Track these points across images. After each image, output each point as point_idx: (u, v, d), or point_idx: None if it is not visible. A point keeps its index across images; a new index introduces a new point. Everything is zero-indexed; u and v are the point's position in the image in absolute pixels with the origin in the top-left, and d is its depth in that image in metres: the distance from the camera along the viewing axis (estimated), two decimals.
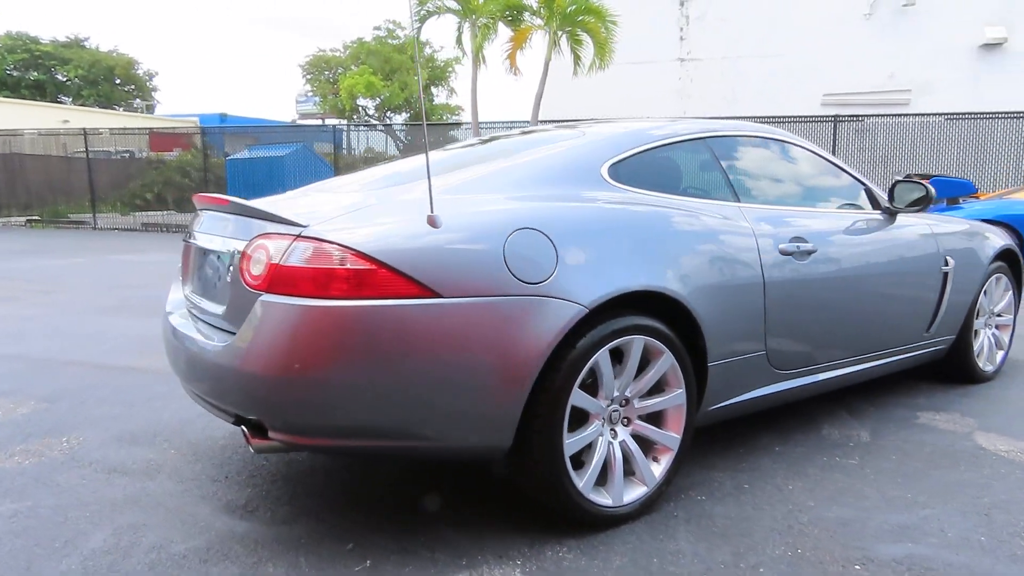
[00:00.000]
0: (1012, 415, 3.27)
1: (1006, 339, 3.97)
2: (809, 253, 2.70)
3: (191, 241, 2.55)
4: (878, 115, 11.53)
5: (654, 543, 2.11)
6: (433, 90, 45.65)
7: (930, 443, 2.92)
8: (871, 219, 3.12)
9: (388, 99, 40.79)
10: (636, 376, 2.22)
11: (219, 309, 2.15)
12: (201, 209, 2.55)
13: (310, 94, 47.29)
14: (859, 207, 3.19)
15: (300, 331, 1.83)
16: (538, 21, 11.30)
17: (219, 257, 2.24)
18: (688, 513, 2.30)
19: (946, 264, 3.34)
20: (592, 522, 2.16)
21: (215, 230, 2.32)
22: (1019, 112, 10.75)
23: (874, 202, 3.23)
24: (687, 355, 2.30)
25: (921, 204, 3.11)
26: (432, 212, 1.95)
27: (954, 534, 2.16)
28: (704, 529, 2.19)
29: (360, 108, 42.79)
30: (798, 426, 3.10)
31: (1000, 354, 3.92)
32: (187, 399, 3.46)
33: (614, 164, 2.44)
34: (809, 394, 2.95)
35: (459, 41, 12.30)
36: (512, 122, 13.15)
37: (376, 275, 1.85)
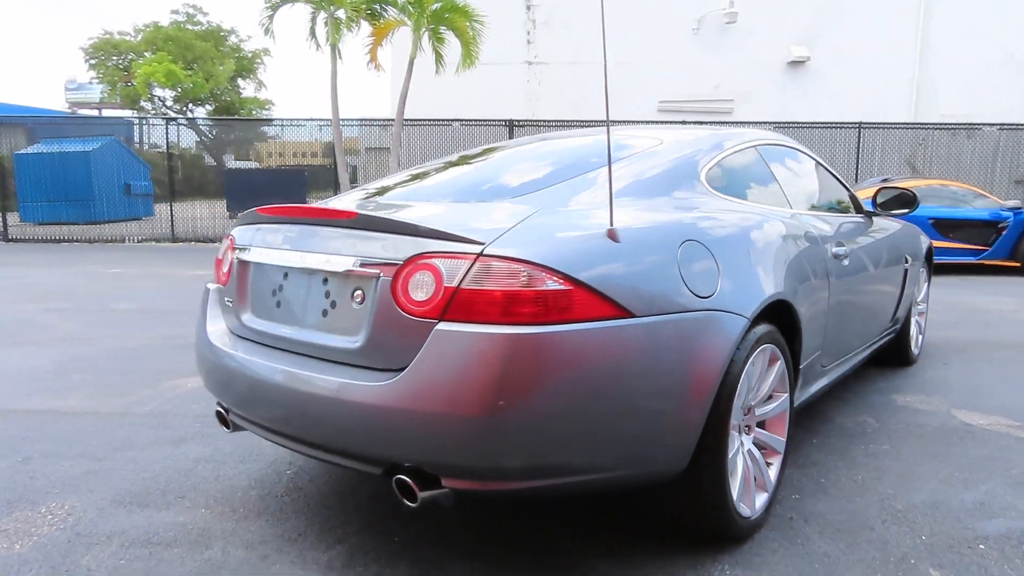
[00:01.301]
0: (965, 392, 3.72)
1: (923, 324, 4.53)
2: (847, 256, 2.88)
3: (247, 258, 2.15)
4: (720, 122, 12.64)
5: (796, 548, 2.14)
6: (240, 82, 42.59)
7: (927, 424, 3.24)
8: (862, 222, 3.40)
9: (191, 90, 37.38)
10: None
11: (345, 342, 1.83)
12: (263, 222, 2.15)
13: (95, 81, 42.11)
14: (847, 211, 3.47)
15: (502, 363, 1.61)
16: (402, 16, 10.95)
17: (326, 280, 1.91)
18: (799, 513, 2.35)
19: (906, 261, 3.74)
20: (736, 535, 2.13)
21: (307, 246, 1.97)
22: (830, 123, 12.39)
23: (856, 206, 3.52)
24: (790, 359, 2.35)
25: (909, 208, 3.45)
26: (612, 225, 1.81)
27: None
28: (826, 528, 2.26)
29: (157, 98, 38.83)
30: (813, 416, 3.30)
31: (920, 338, 4.47)
32: (165, 445, 2.93)
33: (708, 170, 2.43)
34: (827, 388, 3.15)
35: (312, 33, 11.57)
36: (373, 120, 12.67)
37: (573, 296, 1.68)
